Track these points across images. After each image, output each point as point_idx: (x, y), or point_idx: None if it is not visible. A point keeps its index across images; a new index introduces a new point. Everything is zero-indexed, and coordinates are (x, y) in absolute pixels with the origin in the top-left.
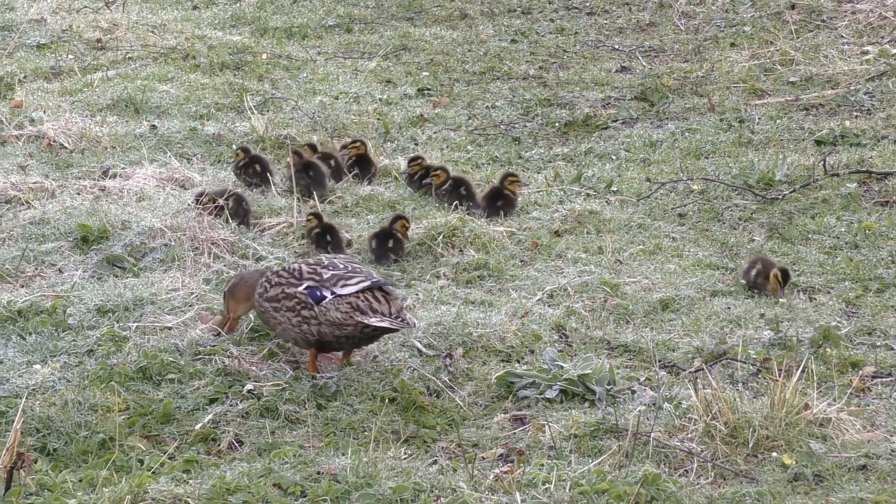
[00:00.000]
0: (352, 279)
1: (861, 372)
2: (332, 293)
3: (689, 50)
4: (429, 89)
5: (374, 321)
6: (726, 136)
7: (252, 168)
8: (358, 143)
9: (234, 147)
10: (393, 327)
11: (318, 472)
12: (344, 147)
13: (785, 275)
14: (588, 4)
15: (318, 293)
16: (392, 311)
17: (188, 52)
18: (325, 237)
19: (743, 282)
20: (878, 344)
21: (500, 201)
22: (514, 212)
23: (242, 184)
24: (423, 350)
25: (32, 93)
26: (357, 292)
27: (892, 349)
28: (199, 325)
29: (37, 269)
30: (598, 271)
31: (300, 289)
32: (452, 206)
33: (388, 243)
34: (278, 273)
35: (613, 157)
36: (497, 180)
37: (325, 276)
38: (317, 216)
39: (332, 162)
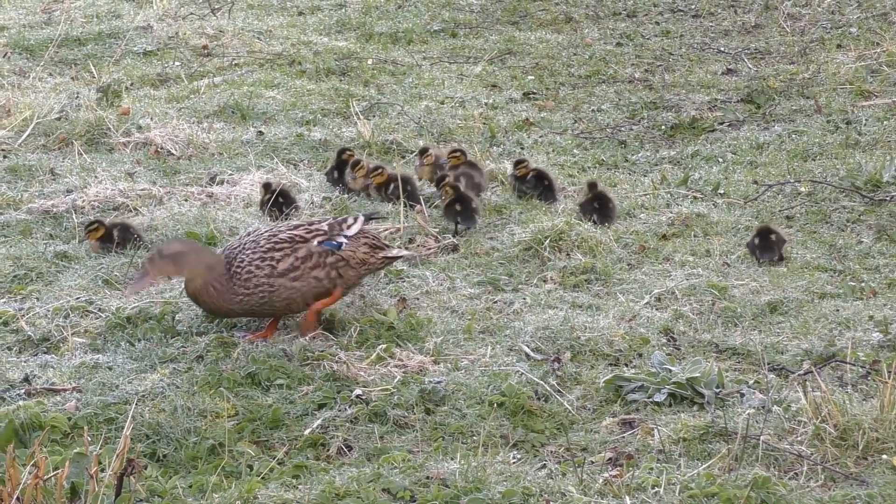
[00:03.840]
0: (345, 221)
1: None
2: (345, 237)
3: (795, 52)
4: (534, 93)
5: (395, 252)
6: (833, 138)
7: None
8: (458, 153)
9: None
10: (410, 254)
11: (427, 477)
12: (451, 154)
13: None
14: (693, 7)
15: (335, 242)
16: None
17: (294, 57)
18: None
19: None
20: None
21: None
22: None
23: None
24: (531, 354)
25: (139, 100)
26: (359, 232)
27: None
28: (308, 335)
29: None
30: (706, 274)
31: (314, 244)
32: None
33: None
34: (271, 249)
35: (720, 160)
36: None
37: (324, 229)
38: (266, 186)
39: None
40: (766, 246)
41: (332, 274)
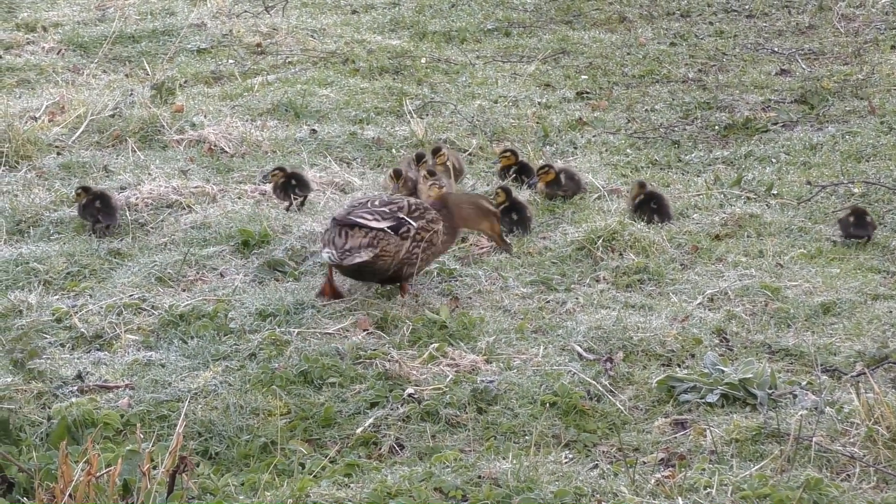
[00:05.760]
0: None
1: None
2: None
3: (849, 52)
4: (588, 92)
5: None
6: (887, 139)
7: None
8: (508, 153)
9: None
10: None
11: (479, 477)
12: (502, 154)
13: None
14: (747, 7)
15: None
16: (339, 243)
17: (347, 56)
18: (290, 182)
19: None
20: None
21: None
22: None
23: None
24: (583, 354)
25: (193, 97)
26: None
27: None
28: (360, 333)
29: (198, 273)
30: (759, 275)
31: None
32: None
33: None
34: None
35: (773, 161)
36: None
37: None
38: (281, 169)
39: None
40: (861, 224)
41: None
